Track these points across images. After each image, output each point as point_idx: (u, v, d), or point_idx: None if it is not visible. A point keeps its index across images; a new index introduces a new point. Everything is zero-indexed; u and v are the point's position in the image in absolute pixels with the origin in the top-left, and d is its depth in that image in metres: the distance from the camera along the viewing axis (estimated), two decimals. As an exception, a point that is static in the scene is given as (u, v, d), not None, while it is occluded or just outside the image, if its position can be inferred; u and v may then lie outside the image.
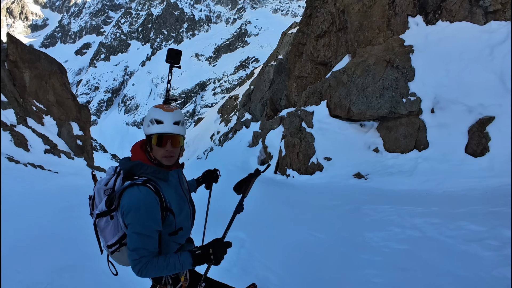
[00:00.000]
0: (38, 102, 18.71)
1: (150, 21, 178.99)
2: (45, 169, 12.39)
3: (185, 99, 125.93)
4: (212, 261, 1.86)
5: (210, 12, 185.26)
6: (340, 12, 12.52)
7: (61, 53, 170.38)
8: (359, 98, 9.64)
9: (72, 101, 21.06)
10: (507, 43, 6.99)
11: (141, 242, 1.77)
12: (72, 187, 9.94)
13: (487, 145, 6.56)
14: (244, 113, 27.06)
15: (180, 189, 2.09)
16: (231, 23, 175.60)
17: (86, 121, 21.94)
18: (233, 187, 2.36)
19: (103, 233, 1.92)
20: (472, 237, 3.88)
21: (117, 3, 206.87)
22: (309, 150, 10.73)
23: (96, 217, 1.90)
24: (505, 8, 7.50)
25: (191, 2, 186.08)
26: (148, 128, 1.92)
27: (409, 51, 8.88)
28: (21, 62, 18.03)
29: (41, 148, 15.20)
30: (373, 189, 7.42)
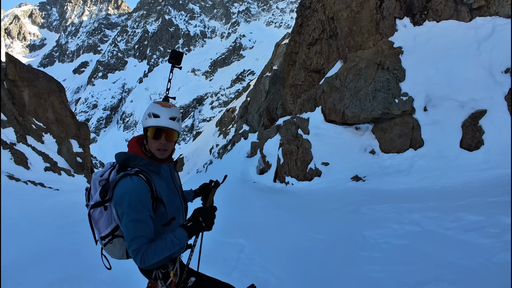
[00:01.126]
0: (38, 120, 18.80)
1: (146, 38, 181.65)
2: (45, 186, 12.41)
3: (183, 114, 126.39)
4: (205, 227, 1.96)
5: (204, 28, 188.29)
6: (330, 19, 12.74)
7: (59, 72, 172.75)
8: (352, 102, 9.72)
9: (71, 119, 21.18)
10: (493, 37, 7.11)
11: (138, 230, 1.81)
12: (73, 204, 9.89)
13: (481, 139, 6.59)
14: (242, 124, 27.22)
15: (171, 183, 2.16)
16: (225, 37, 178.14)
17: (85, 139, 22.00)
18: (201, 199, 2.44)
19: (97, 225, 1.98)
20: (471, 227, 3.86)
21: (113, 22, 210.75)
22: (306, 157, 10.74)
23: (91, 208, 1.97)
24: (489, 4, 7.66)
25: (186, 18, 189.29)
26: (146, 121, 2.01)
27: (398, 52, 9.01)
28: (20, 81, 18.21)
29: (41, 165, 15.27)
30: (371, 190, 7.41)
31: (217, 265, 4.44)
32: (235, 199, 10.33)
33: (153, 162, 2.02)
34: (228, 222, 6.95)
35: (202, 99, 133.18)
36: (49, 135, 18.80)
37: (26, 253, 5.36)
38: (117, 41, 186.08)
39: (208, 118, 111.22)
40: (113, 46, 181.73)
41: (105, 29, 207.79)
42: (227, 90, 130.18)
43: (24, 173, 13.32)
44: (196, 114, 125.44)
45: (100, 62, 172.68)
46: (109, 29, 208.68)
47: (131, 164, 1.97)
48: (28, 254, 5.32)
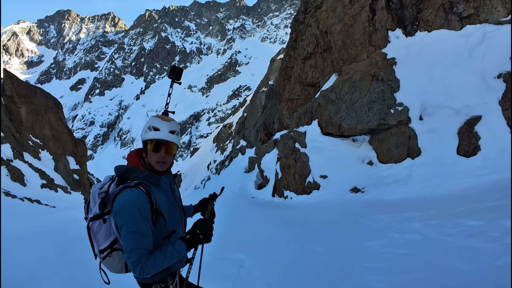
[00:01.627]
0: (35, 137, 18.75)
1: (143, 55, 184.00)
2: (42, 203, 12.28)
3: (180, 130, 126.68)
4: (203, 240, 2.00)
5: (200, 44, 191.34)
6: (324, 33, 12.94)
7: (57, 89, 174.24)
8: (348, 114, 9.77)
9: (68, 136, 21.13)
10: (484, 44, 7.24)
11: (138, 242, 1.81)
12: (70, 221, 9.77)
13: (478, 144, 6.60)
14: (239, 140, 27.25)
15: (171, 195, 2.17)
16: (221, 53, 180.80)
17: (82, 155, 21.89)
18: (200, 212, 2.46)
19: (96, 237, 1.98)
20: (472, 232, 3.82)
21: (110, 39, 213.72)
22: (304, 170, 10.71)
23: (90, 220, 1.98)
24: (478, 12, 7.84)
25: (182, 35, 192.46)
26: (146, 134, 2.05)
27: (392, 63, 9.12)
28: (17, 97, 18.24)
29: (38, 182, 15.14)
30: (370, 201, 7.35)
31: (217, 280, 4.38)
32: (234, 214, 10.24)
33: (153, 174, 2.04)
34: (227, 237, 6.87)
35: (199, 116, 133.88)
36: (46, 152, 18.70)
37: (23, 270, 5.29)
38: (114, 58, 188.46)
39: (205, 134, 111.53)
40: (110, 63, 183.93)
41: (102, 46, 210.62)
42: (223, 106, 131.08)
43: (21, 190, 13.22)
44: (193, 130, 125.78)
45: (97, 79, 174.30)
46: (106, 46, 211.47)
47: (130, 177, 1.99)
48: (25, 271, 5.25)
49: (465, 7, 8.09)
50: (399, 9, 9.61)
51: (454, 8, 8.31)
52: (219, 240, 6.80)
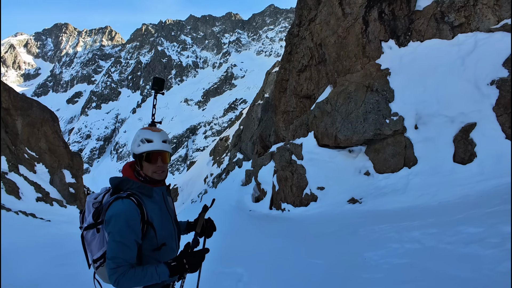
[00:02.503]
0: (30, 150, 18.62)
1: (140, 69, 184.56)
2: (37, 217, 12.14)
3: (176, 144, 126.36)
4: (188, 270, 1.96)
5: (196, 58, 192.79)
6: (318, 45, 13.09)
7: (53, 101, 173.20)
8: (344, 125, 9.79)
9: (64, 149, 21.03)
10: (476, 52, 7.35)
11: (118, 251, 1.81)
12: (65, 235, 9.64)
13: (474, 151, 6.61)
14: (236, 153, 27.25)
15: (164, 207, 2.16)
16: (217, 67, 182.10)
17: (78, 169, 21.77)
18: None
19: (90, 247, 2.00)
20: (471, 239, 3.77)
21: (107, 53, 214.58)
22: (301, 182, 10.65)
23: (84, 230, 2.00)
24: (469, 21, 8.00)
25: (178, 49, 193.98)
26: (139, 147, 2.09)
27: (386, 74, 9.21)
28: (13, 109, 18.18)
29: (33, 196, 15.02)
30: (368, 211, 7.30)
31: (215, 296, 4.29)
32: (231, 228, 10.11)
33: (145, 185, 2.06)
34: (224, 251, 6.76)
35: (195, 129, 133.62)
36: (42, 165, 18.57)
37: (17, 285, 5.20)
38: (111, 71, 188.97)
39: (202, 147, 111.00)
40: (107, 77, 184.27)
41: (99, 60, 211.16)
42: (220, 119, 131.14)
43: (15, 203, 13.11)
44: (190, 143, 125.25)
45: (94, 93, 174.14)
46: (103, 60, 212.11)
47: (124, 188, 2.01)
48: (18, 286, 5.18)
49: (456, 16, 8.25)
50: (392, 20, 9.77)
51: (445, 17, 8.47)
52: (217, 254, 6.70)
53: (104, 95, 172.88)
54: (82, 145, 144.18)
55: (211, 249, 2.09)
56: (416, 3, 9.17)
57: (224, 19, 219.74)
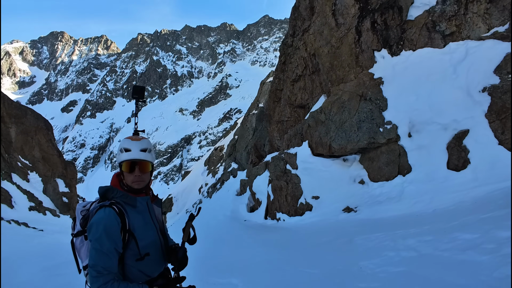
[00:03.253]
0: (24, 158, 18.42)
1: (135, 78, 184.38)
2: (29, 226, 11.99)
3: (171, 153, 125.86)
4: None
5: (192, 68, 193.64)
6: (312, 56, 13.21)
7: (48, 110, 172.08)
8: (338, 134, 9.82)
9: (58, 158, 20.86)
10: (467, 60, 7.46)
11: (98, 259, 1.82)
12: (58, 245, 9.49)
13: (467, 158, 6.64)
14: (230, 163, 27.19)
15: (148, 217, 2.14)
16: (212, 77, 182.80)
17: (72, 178, 21.56)
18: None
19: (79, 253, 2.06)
20: (467, 246, 3.76)
21: (102, 62, 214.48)
22: (296, 191, 10.62)
23: (74, 236, 2.06)
24: (460, 29, 8.15)
25: (174, 59, 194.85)
26: (119, 156, 2.11)
27: (379, 83, 9.29)
28: (7, 117, 18.05)
29: (26, 205, 14.88)
30: (364, 220, 7.28)
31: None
32: (226, 238, 10.03)
33: (128, 194, 2.07)
34: (219, 262, 6.70)
35: (190, 139, 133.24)
36: (35, 174, 18.38)
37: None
38: (106, 80, 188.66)
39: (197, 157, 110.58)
40: (102, 86, 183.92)
41: (94, 68, 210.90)
42: (214, 129, 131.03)
43: (8, 212, 12.95)
44: (185, 153, 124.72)
45: (89, 101, 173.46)
46: (98, 69, 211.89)
47: (109, 196, 2.04)
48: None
49: (447, 25, 8.40)
50: (384, 30, 9.91)
51: (437, 26, 8.61)
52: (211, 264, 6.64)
53: (99, 104, 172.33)
54: (76, 154, 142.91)
55: (206, 259, 2.10)
56: (408, 13, 9.32)
57: (219, 29, 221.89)
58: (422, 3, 9.01)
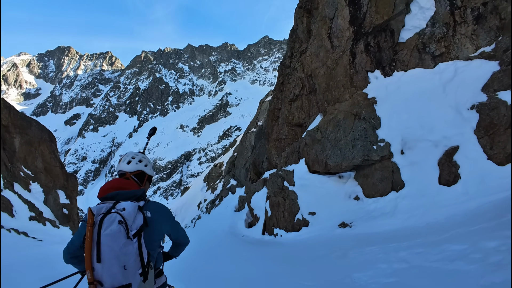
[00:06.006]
0: (26, 168, 18.42)
1: (137, 94, 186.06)
2: (29, 236, 11.93)
3: (171, 169, 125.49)
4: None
5: (193, 86, 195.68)
6: (309, 76, 13.59)
7: (51, 122, 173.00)
8: (333, 152, 10.03)
9: (60, 169, 20.87)
10: (456, 79, 7.74)
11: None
12: (56, 256, 9.35)
13: (458, 173, 6.81)
14: (229, 179, 27.26)
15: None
16: (213, 95, 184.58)
17: (73, 190, 21.53)
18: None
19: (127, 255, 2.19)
20: (456, 256, 3.89)
21: (106, 77, 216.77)
22: (293, 208, 10.73)
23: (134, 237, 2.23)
24: (449, 50, 8.46)
25: (176, 76, 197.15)
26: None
27: (373, 102, 9.59)
28: (12, 127, 18.14)
29: (26, 214, 14.83)
30: (358, 235, 7.38)
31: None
32: (225, 253, 10.06)
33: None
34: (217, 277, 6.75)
35: (190, 155, 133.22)
36: (37, 184, 18.36)
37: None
38: (109, 96, 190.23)
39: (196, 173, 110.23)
40: (105, 101, 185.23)
41: (99, 83, 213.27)
42: (214, 145, 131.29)
43: (8, 220, 12.90)
44: (184, 169, 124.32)
45: (92, 115, 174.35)
46: (102, 84, 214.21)
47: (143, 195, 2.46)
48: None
49: (436, 47, 8.75)
50: (377, 52, 10.29)
51: (427, 48, 8.97)
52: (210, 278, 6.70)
53: (101, 118, 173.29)
54: (78, 167, 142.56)
55: (205, 273, 2.30)
56: (400, 35, 9.68)
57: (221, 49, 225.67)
58: (412, 26, 9.38)
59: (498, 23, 7.44)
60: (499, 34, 7.43)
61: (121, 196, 2.25)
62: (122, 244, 1.99)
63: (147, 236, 2.19)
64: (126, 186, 2.35)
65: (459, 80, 7.70)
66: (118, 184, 2.35)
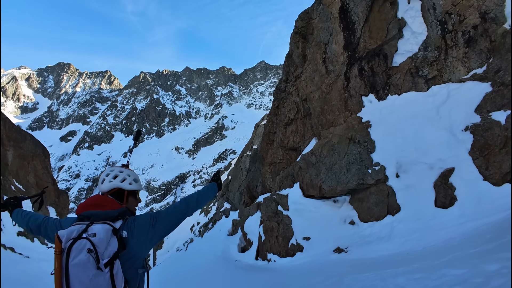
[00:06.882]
0: (18, 182, 18.06)
1: (134, 114, 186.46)
2: (15, 252, 11.55)
3: (165, 191, 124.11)
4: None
5: (190, 108, 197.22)
6: (303, 100, 13.72)
7: (47, 137, 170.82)
8: (328, 176, 9.95)
9: (52, 185, 20.59)
10: (449, 101, 7.83)
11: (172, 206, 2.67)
12: (42, 275, 8.96)
13: (454, 195, 6.74)
14: (223, 202, 27.06)
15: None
16: (209, 118, 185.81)
17: (64, 207, 21.12)
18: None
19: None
20: (455, 281, 3.73)
21: (104, 96, 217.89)
22: (287, 232, 10.52)
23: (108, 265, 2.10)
24: (442, 73, 8.61)
25: (173, 98, 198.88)
26: (139, 184, 2.65)
27: (367, 126, 9.63)
28: (6, 139, 17.90)
29: (14, 229, 14.37)
30: (354, 260, 7.19)
31: None
32: (216, 278, 9.75)
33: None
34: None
35: (185, 177, 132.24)
36: (27, 199, 17.94)
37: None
38: (106, 114, 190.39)
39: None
40: (102, 119, 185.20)
41: (96, 102, 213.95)
42: (209, 168, 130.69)
43: None
44: (178, 191, 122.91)
45: (88, 133, 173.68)
46: (100, 102, 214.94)
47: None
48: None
49: (429, 70, 8.90)
50: (371, 76, 10.45)
51: (420, 71, 9.12)
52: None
53: (97, 137, 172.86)
54: (71, 184, 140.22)
55: None
56: (393, 59, 9.87)
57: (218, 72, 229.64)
58: (405, 50, 9.59)
59: (489, 45, 7.62)
60: (490, 56, 7.59)
61: (95, 217, 2.08)
62: (92, 275, 1.81)
63: (125, 261, 2.01)
64: (103, 204, 2.17)
65: (452, 102, 7.79)
66: (95, 202, 2.18)
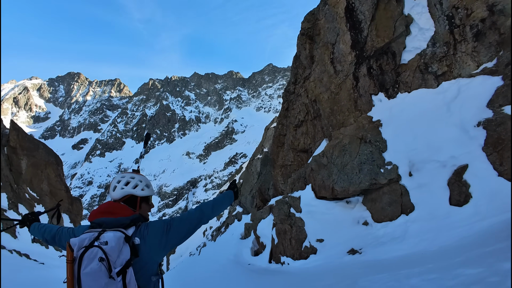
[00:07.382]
0: (32, 190, 18.49)
1: (145, 121, 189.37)
2: (30, 258, 11.83)
3: (177, 196, 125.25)
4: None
5: (199, 113, 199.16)
6: (313, 102, 13.67)
7: (59, 145, 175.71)
8: (340, 177, 9.86)
9: (65, 193, 20.99)
10: (460, 97, 7.65)
11: (187, 213, 2.65)
12: (56, 281, 9.14)
13: (469, 192, 6.59)
14: (235, 206, 27.06)
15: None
16: (219, 122, 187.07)
17: (77, 214, 21.52)
18: None
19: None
20: (471, 280, 3.65)
21: (114, 104, 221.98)
22: (300, 235, 10.47)
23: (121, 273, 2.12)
24: (451, 69, 8.42)
25: (182, 104, 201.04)
26: (151, 190, 2.64)
27: (378, 125, 9.52)
28: (20, 149, 18.37)
29: (29, 236, 14.80)
30: (368, 261, 7.10)
31: None
32: (230, 283, 9.76)
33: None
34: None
35: (196, 182, 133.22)
36: (41, 206, 18.40)
37: None
38: (117, 122, 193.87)
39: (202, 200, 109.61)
40: (113, 127, 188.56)
41: (107, 109, 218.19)
42: (220, 172, 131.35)
43: (11, 241, 12.91)
44: (190, 196, 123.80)
45: (99, 141, 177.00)
46: (110, 110, 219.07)
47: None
48: None
49: (438, 66, 8.73)
50: (380, 75, 10.35)
51: (429, 68, 8.96)
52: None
53: (108, 144, 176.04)
54: (83, 191, 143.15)
55: None
56: (401, 57, 9.71)
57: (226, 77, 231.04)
58: (413, 47, 9.43)
59: (498, 38, 7.43)
60: (500, 49, 7.40)
61: (107, 224, 2.09)
62: (104, 284, 1.80)
63: (138, 268, 2.01)
64: (115, 211, 2.18)
65: (463, 98, 7.62)
66: (107, 209, 2.20)
